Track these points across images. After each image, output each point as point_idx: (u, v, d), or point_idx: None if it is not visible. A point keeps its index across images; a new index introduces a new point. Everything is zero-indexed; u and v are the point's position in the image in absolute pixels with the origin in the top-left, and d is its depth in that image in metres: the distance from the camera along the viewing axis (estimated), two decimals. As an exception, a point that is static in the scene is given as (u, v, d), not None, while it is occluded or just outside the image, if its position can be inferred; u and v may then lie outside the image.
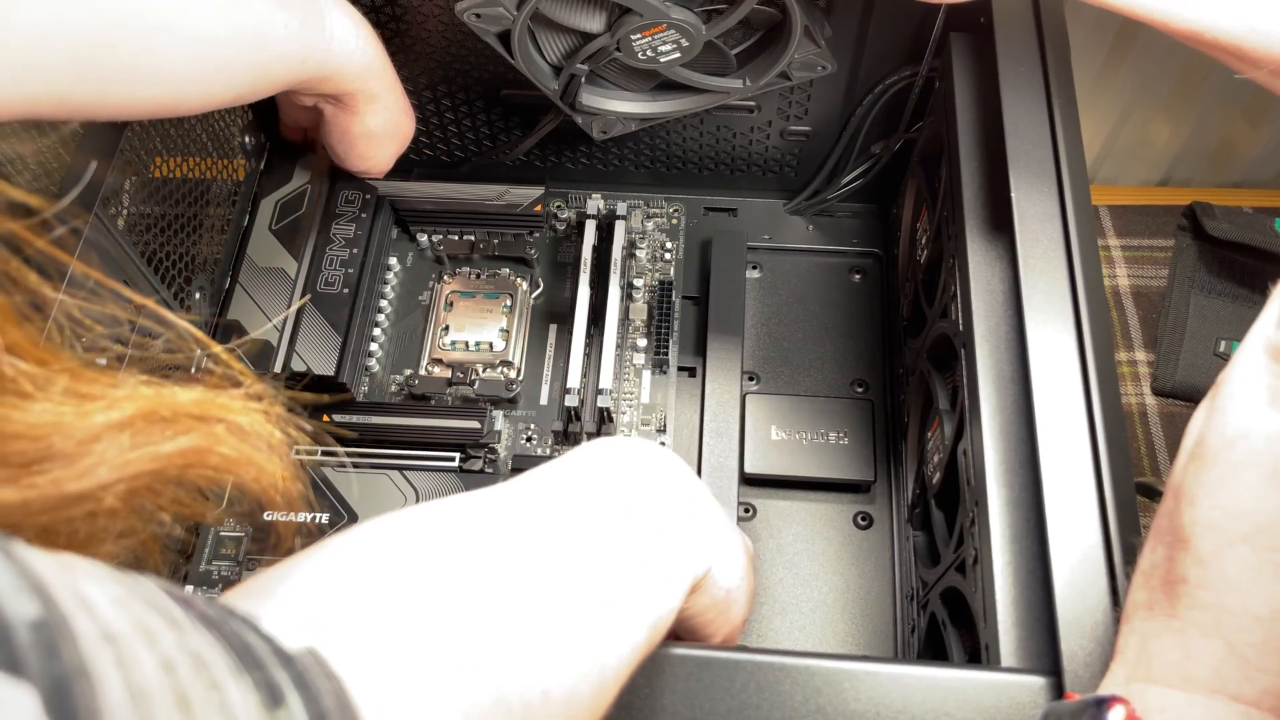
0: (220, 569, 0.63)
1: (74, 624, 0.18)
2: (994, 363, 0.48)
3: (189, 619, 0.22)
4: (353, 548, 0.31)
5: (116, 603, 0.20)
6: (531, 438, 0.69)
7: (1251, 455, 0.32)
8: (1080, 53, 0.77)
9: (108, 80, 0.47)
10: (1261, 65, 0.44)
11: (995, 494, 0.45)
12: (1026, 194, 0.50)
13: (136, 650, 0.19)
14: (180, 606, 0.22)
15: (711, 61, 0.60)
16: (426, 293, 0.74)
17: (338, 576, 0.29)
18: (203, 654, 0.21)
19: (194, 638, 0.21)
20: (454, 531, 0.33)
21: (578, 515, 0.36)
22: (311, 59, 0.56)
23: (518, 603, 0.31)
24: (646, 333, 0.71)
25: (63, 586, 0.19)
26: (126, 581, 0.21)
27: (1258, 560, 0.31)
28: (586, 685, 0.32)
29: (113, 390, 0.26)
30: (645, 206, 0.77)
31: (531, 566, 0.33)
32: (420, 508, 0.33)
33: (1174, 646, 0.33)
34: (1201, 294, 0.79)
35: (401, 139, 0.68)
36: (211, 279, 0.66)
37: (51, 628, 0.18)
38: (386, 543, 0.31)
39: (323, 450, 0.64)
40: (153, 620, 0.21)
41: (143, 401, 0.26)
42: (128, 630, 0.20)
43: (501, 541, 0.33)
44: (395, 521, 0.32)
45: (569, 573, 0.33)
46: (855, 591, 0.65)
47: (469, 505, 0.34)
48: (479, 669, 0.29)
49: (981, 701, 0.38)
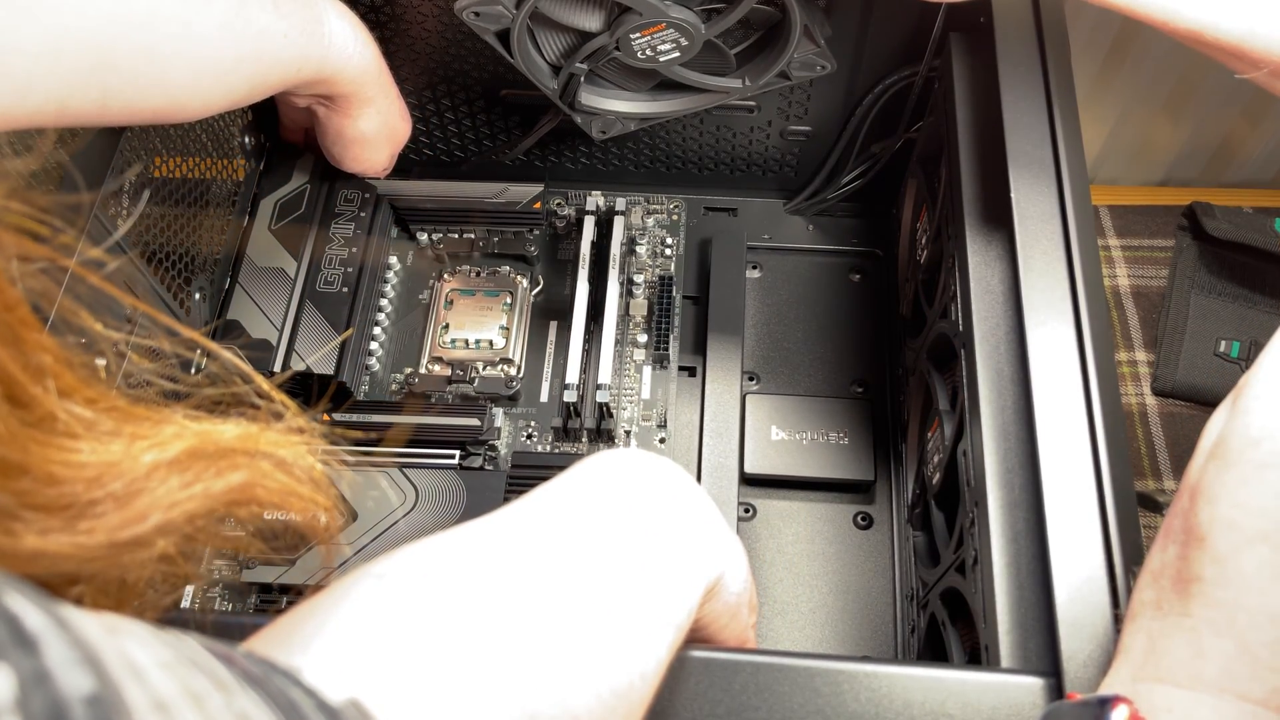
0: (221, 570, 0.63)
1: (126, 695, 0.18)
2: (994, 363, 0.48)
3: (234, 679, 0.22)
4: (384, 592, 0.31)
5: (164, 667, 0.20)
6: (532, 435, 0.69)
7: (1275, 455, 0.32)
8: (1080, 53, 0.77)
9: (109, 93, 0.47)
10: (1261, 66, 0.44)
11: (995, 494, 0.45)
12: (1026, 194, 0.50)
13: (186, 716, 0.19)
14: (224, 665, 0.22)
15: (711, 61, 0.60)
16: (426, 291, 0.74)
17: (372, 623, 0.29)
18: (250, 715, 0.21)
19: (240, 699, 0.21)
20: (477, 567, 0.33)
21: (594, 535, 0.36)
22: (308, 65, 0.56)
23: (547, 634, 0.31)
24: (647, 328, 0.71)
25: (113, 655, 0.19)
26: (172, 643, 0.21)
27: (1277, 559, 0.31)
28: (618, 708, 0.32)
29: (161, 428, 0.26)
30: (645, 203, 0.77)
31: (556, 597, 0.33)
32: (441, 541, 0.33)
33: (1184, 645, 0.33)
34: (1201, 294, 0.79)
35: (396, 142, 0.68)
36: (211, 279, 0.66)
37: (106, 703, 0.18)
38: (413, 583, 0.31)
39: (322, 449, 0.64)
40: (199, 683, 0.21)
41: (190, 438, 0.26)
42: (177, 696, 0.20)
43: (524, 574, 0.33)
44: (420, 559, 0.32)
45: (593, 599, 0.34)
46: (855, 592, 0.65)
47: (487, 535, 0.35)
48: (515, 705, 0.29)
49: (981, 702, 0.38)
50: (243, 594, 0.62)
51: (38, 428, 0.23)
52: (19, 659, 0.17)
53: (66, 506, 0.23)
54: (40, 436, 0.23)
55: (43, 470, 0.23)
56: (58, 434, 0.23)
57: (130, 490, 0.24)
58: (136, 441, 0.25)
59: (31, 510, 0.22)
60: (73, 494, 0.23)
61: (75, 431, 0.24)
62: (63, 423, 0.23)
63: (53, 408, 0.23)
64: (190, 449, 0.26)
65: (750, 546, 0.66)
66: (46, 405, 0.23)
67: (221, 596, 0.62)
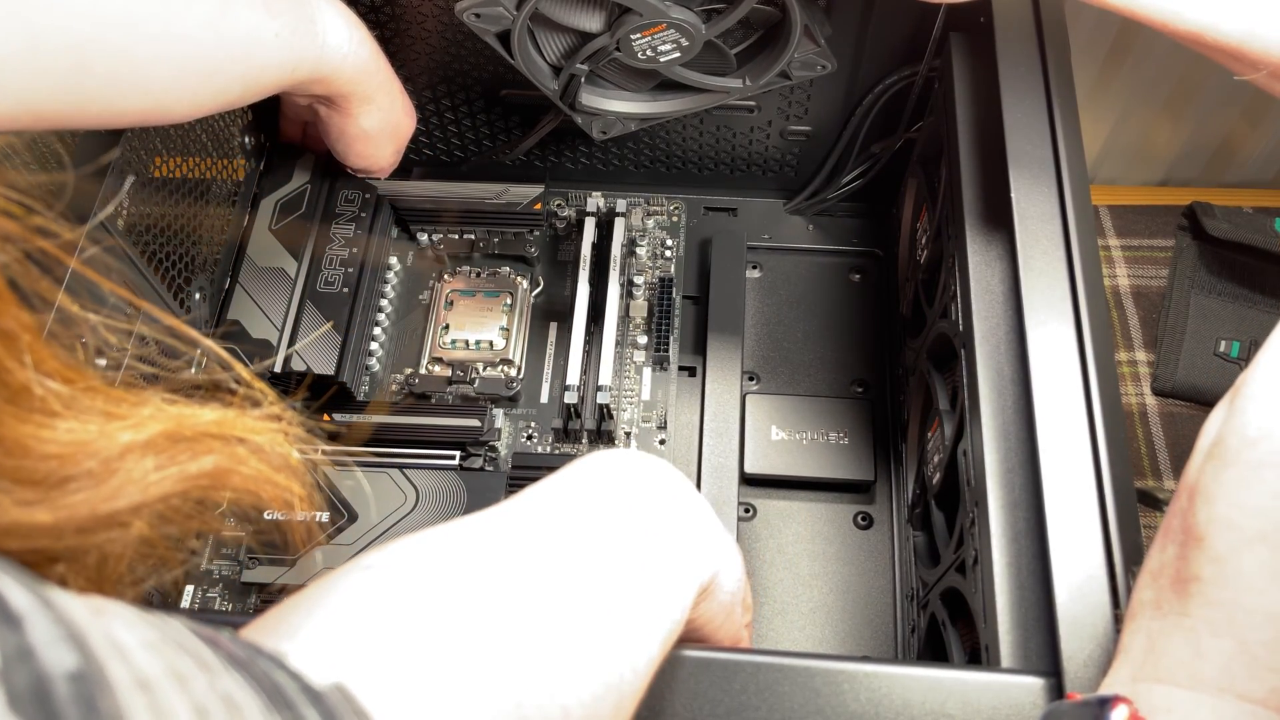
0: (220, 569, 0.63)
1: (109, 673, 0.18)
2: (994, 363, 0.48)
3: (219, 660, 0.22)
4: (372, 581, 0.31)
5: (149, 647, 0.20)
6: (532, 436, 0.69)
7: (1273, 454, 0.32)
8: (1080, 53, 0.77)
9: (87, 97, 0.46)
10: (1261, 67, 0.44)
11: (995, 494, 0.45)
12: (1026, 194, 0.50)
13: (170, 696, 0.19)
14: (209, 647, 0.22)
15: (711, 61, 0.60)
16: (426, 292, 0.74)
17: (359, 610, 0.29)
18: (234, 696, 0.21)
19: (225, 680, 0.21)
20: (467, 558, 0.33)
21: (587, 533, 0.36)
22: (303, 66, 0.55)
23: (536, 625, 0.31)
24: (647, 330, 0.71)
25: (98, 633, 0.19)
26: (156, 624, 0.22)
27: (1275, 559, 0.31)
28: (606, 700, 0.32)
29: (138, 409, 0.26)
30: (645, 204, 0.77)
31: (546, 588, 0.33)
32: (432, 534, 0.33)
33: (1183, 645, 0.33)
34: (1201, 294, 0.79)
35: (400, 139, 0.67)
36: (211, 279, 0.66)
37: (89, 680, 0.18)
38: (404, 574, 0.31)
39: (323, 449, 0.64)
40: (184, 664, 0.21)
41: (167, 420, 0.26)
42: (160, 676, 0.20)
43: (515, 565, 0.33)
44: (410, 550, 0.32)
45: (583, 591, 0.34)
46: (855, 592, 0.65)
47: (479, 529, 0.35)
48: (502, 695, 0.29)
49: (981, 702, 0.38)
50: (242, 594, 0.62)
51: (14, 402, 0.23)
52: (3, 635, 0.17)
53: (41, 481, 0.23)
54: (15, 410, 0.23)
55: (17, 443, 0.23)
56: (34, 409, 0.23)
57: (105, 469, 0.24)
58: (112, 421, 0.25)
59: (8, 481, 0.23)
60: (47, 469, 0.23)
61: (52, 408, 0.24)
62: (39, 398, 0.23)
63: (28, 381, 0.23)
64: (166, 431, 0.26)
65: (750, 546, 0.66)
66: (21, 377, 0.23)
67: (222, 596, 0.62)
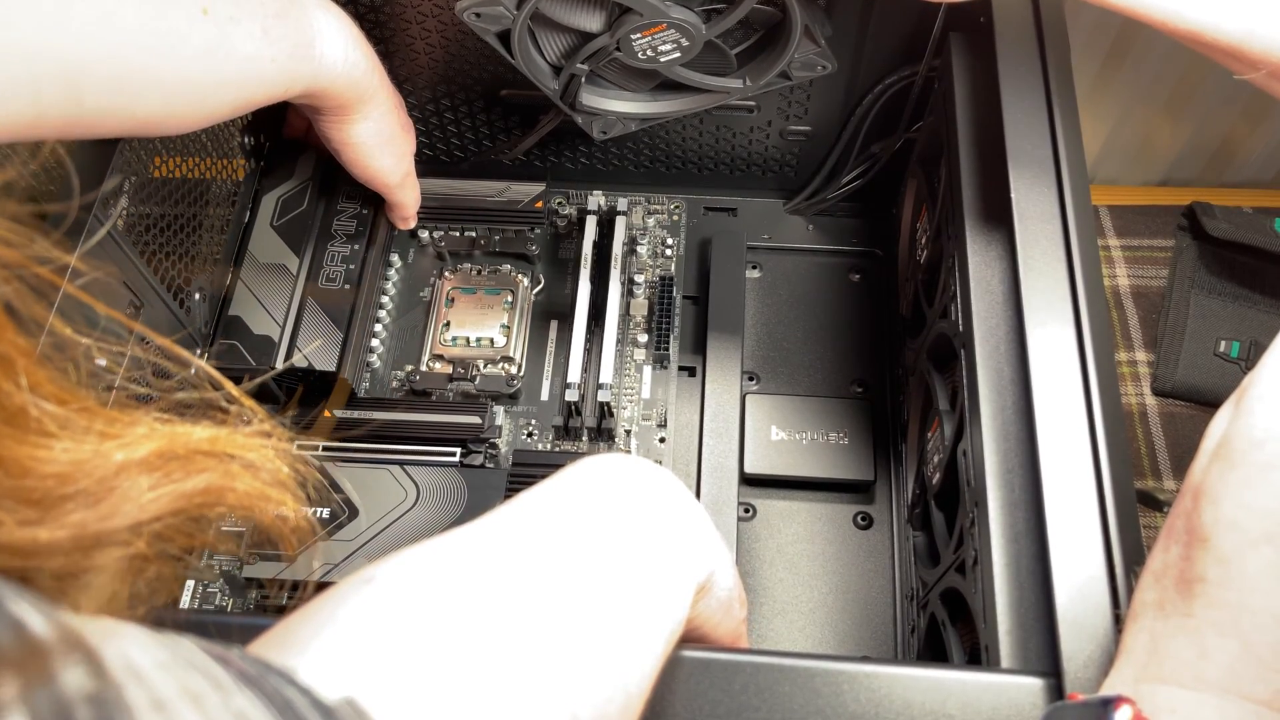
0: (220, 565, 0.63)
1: (127, 694, 0.19)
2: (994, 363, 0.48)
3: (230, 679, 0.22)
4: (377, 594, 0.31)
5: (162, 667, 0.20)
6: (532, 433, 0.69)
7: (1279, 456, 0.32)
8: (1080, 53, 0.77)
9: (71, 121, 0.46)
10: (1260, 67, 0.44)
11: (995, 495, 0.45)
12: (1026, 194, 0.50)
13: (185, 716, 0.20)
14: (220, 666, 0.22)
15: (711, 61, 0.60)
16: (427, 289, 0.74)
17: (367, 625, 0.30)
18: (248, 713, 0.22)
19: (237, 698, 0.22)
20: (472, 568, 0.33)
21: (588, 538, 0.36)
22: (296, 84, 0.55)
23: (542, 633, 0.31)
24: (647, 328, 0.71)
25: (113, 655, 0.19)
26: (168, 644, 0.22)
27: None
28: (615, 703, 0.32)
29: (131, 428, 0.26)
30: (646, 203, 0.77)
31: (551, 595, 0.33)
32: (435, 544, 0.34)
33: (1187, 646, 0.33)
34: (1201, 294, 0.79)
35: (396, 149, 0.66)
36: (211, 279, 0.66)
37: (108, 702, 0.18)
38: (409, 587, 0.31)
39: (324, 446, 0.64)
40: (197, 683, 0.21)
41: (160, 439, 0.26)
42: (175, 696, 0.20)
43: (519, 573, 0.33)
44: (414, 562, 0.33)
45: (587, 597, 0.34)
46: (855, 592, 0.65)
47: (482, 538, 0.35)
48: (512, 704, 0.29)
49: (981, 703, 0.38)
50: (243, 590, 0.62)
51: (11, 424, 0.23)
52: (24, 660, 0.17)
53: (40, 500, 0.23)
54: (13, 432, 0.23)
55: (16, 463, 0.23)
56: (31, 430, 0.24)
57: (101, 488, 0.25)
58: (107, 440, 0.25)
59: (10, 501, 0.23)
60: (46, 489, 0.23)
61: (48, 429, 0.24)
62: (35, 419, 0.24)
63: (25, 403, 0.23)
64: (160, 450, 0.26)
65: (750, 546, 0.67)
66: (18, 400, 0.23)
67: (222, 592, 0.63)
